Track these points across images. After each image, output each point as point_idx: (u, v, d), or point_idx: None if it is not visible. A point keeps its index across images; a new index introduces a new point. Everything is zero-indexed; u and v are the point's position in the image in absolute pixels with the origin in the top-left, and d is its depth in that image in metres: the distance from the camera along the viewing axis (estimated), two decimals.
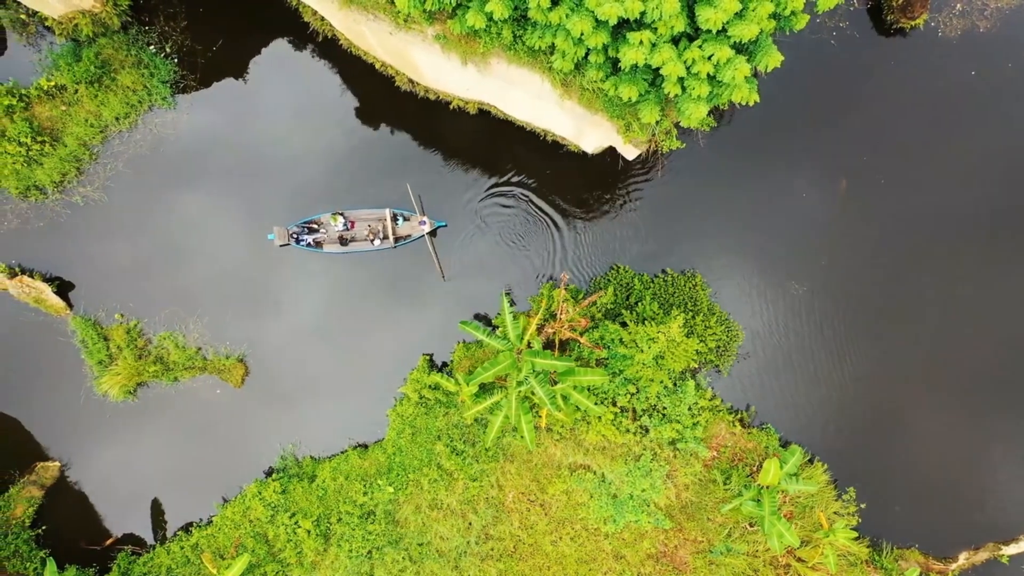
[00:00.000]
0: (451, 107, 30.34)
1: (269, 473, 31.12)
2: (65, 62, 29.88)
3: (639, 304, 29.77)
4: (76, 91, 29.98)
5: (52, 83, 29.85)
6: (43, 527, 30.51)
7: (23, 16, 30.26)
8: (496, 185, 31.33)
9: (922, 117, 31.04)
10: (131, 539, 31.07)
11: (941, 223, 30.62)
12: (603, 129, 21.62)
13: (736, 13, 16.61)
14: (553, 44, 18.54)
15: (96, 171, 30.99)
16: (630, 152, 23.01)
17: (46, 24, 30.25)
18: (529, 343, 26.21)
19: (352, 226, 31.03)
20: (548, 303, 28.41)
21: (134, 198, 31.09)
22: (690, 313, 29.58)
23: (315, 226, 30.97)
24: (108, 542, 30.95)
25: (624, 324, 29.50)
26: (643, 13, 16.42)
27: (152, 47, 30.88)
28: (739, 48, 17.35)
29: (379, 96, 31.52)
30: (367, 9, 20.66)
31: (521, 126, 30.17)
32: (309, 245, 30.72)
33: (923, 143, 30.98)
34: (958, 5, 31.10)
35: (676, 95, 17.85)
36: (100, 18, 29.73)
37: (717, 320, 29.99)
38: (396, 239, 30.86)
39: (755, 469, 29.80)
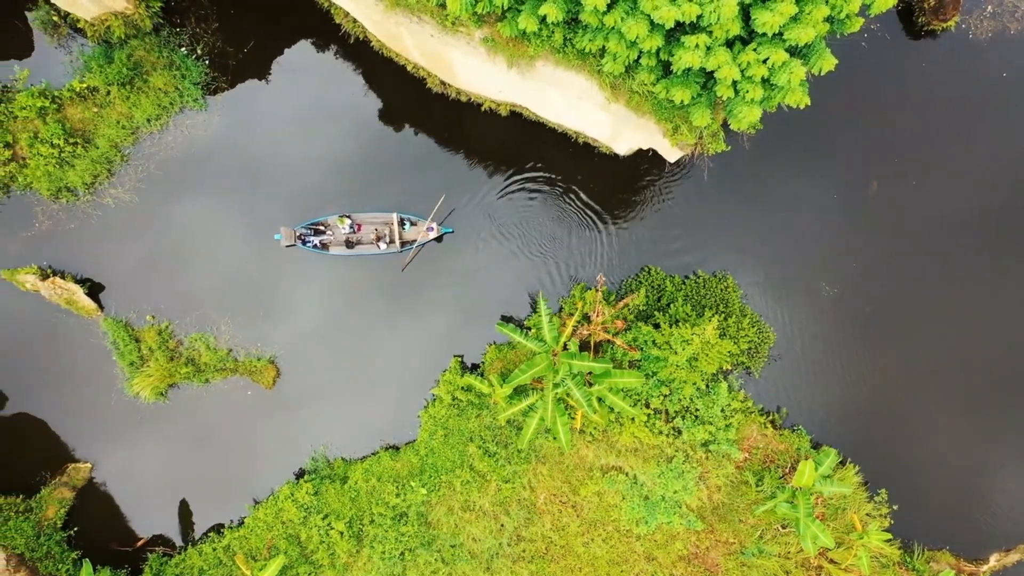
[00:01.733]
0: (483, 108, 30.35)
1: (299, 475, 31.14)
2: (97, 64, 29.89)
3: (671, 306, 29.79)
4: (108, 93, 29.99)
5: (84, 85, 29.87)
6: (74, 528, 30.53)
7: (55, 18, 30.27)
8: (521, 181, 31.29)
9: (953, 119, 31.05)
10: (161, 540, 31.10)
11: (974, 225, 30.63)
12: (647, 131, 21.64)
13: (791, 17, 16.65)
14: (604, 47, 18.56)
15: (127, 173, 31.00)
16: (673, 154, 23.04)
17: (77, 26, 30.27)
18: (565, 345, 26.25)
19: (359, 229, 31.00)
20: (582, 305, 28.42)
21: (165, 200, 31.11)
22: (722, 315, 29.59)
23: (322, 228, 30.94)
24: (139, 543, 30.97)
25: (656, 326, 29.51)
26: (699, 16, 16.45)
27: (183, 49, 30.89)
28: (792, 51, 17.38)
29: (409, 98, 31.53)
30: (413, 11, 20.66)
31: (553, 128, 30.20)
32: (315, 247, 30.70)
33: (954, 145, 31.00)
34: (989, 7, 31.12)
35: (729, 98, 17.88)
36: (132, 20, 29.74)
37: (749, 322, 29.99)
38: (402, 243, 30.82)
39: (787, 471, 29.81)
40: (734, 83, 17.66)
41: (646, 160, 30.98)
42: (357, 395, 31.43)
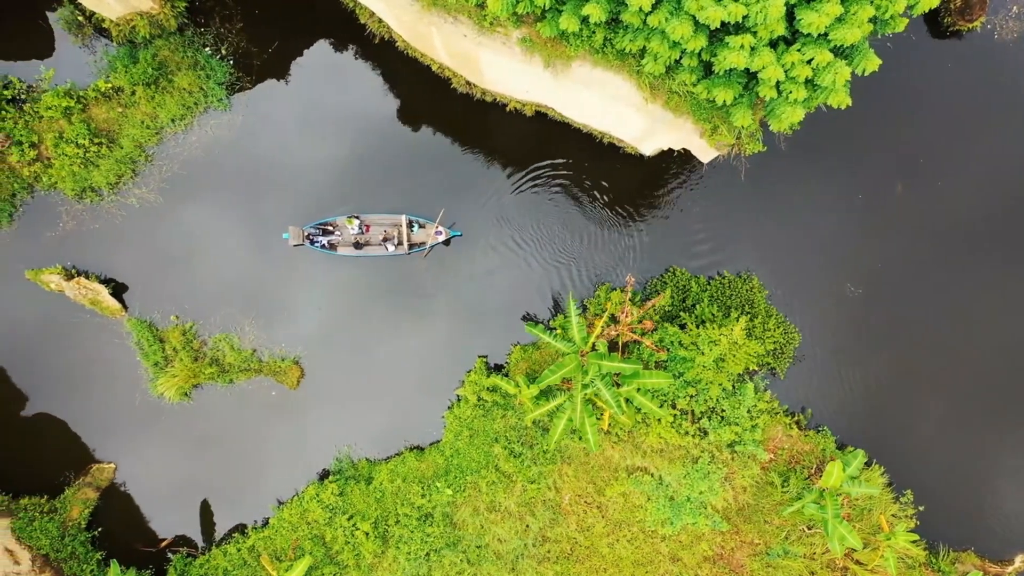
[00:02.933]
0: (507, 109, 30.31)
1: (323, 476, 31.11)
2: (122, 64, 29.83)
3: (696, 307, 29.76)
4: (134, 93, 29.93)
5: (110, 85, 29.80)
6: (99, 529, 30.51)
7: (80, 18, 30.21)
8: (543, 181, 31.26)
9: (978, 120, 31.01)
10: (185, 541, 31.08)
11: (1001, 226, 30.59)
12: (683, 131, 21.60)
13: (836, 17, 16.61)
14: (644, 47, 18.53)
15: (151, 173, 30.95)
16: (707, 155, 23.01)
17: (102, 26, 30.20)
18: (594, 345, 26.21)
19: (367, 230, 30.95)
20: (610, 305, 28.39)
21: (188, 200, 31.05)
22: (748, 315, 29.54)
23: (330, 228, 30.87)
24: (163, 544, 30.95)
25: (682, 326, 29.49)
26: (745, 17, 16.41)
27: (208, 49, 30.84)
28: (835, 52, 17.33)
29: (431, 98, 31.47)
30: (450, 11, 20.61)
31: (577, 128, 30.17)
32: (323, 247, 30.64)
33: (979, 146, 30.95)
34: (1015, 8, 31.07)
35: (771, 99, 17.84)
36: (157, 20, 29.68)
37: (775, 322, 29.95)
38: (411, 246, 30.73)
39: (812, 472, 29.78)
40: (777, 83, 17.64)
41: (670, 161, 30.96)
42: (380, 396, 31.37)
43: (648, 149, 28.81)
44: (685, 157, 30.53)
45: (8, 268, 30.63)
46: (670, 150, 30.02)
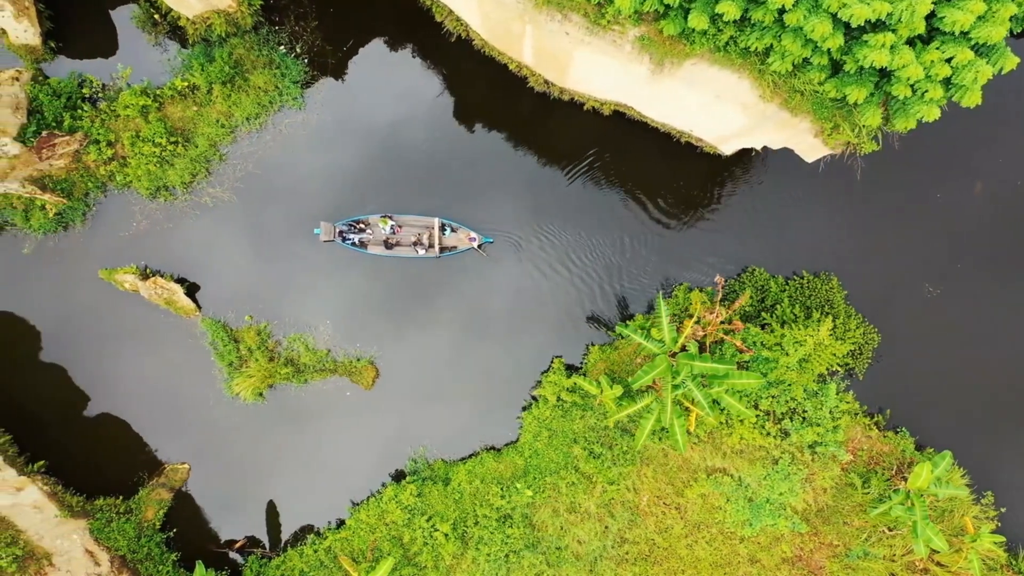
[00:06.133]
0: (585, 108, 30.14)
1: (397, 477, 30.96)
2: (198, 62, 29.66)
3: (777, 307, 29.59)
4: (210, 91, 29.77)
5: (186, 83, 29.63)
6: (173, 530, 30.36)
7: (155, 16, 30.05)
8: (612, 178, 31.10)
9: None
10: (258, 541, 30.93)
11: None
12: (793, 130, 21.40)
13: (978, 15, 16.44)
14: (771, 45, 18.36)
15: (225, 172, 30.79)
16: (814, 154, 22.83)
17: (178, 24, 30.04)
18: (684, 346, 26.04)
19: (399, 231, 30.79)
20: (700, 306, 28.22)
21: (262, 199, 30.90)
22: (828, 316, 29.36)
23: (362, 226, 30.69)
24: (236, 545, 30.81)
25: (763, 326, 29.32)
26: (889, 15, 16.25)
27: (282, 47, 30.66)
28: (974, 50, 17.17)
29: (504, 96, 31.35)
30: (561, 9, 20.44)
31: (655, 128, 30.00)
32: (354, 244, 30.47)
33: None
34: None
35: (906, 97, 17.68)
36: (233, 18, 29.51)
37: (855, 323, 29.78)
38: (441, 249, 30.56)
39: (893, 473, 29.60)
40: (910, 82, 17.45)
41: (747, 160, 30.82)
42: (453, 396, 31.21)
43: (729, 149, 28.64)
44: (757, 157, 30.46)
45: (82, 268, 30.52)
46: (748, 150, 29.86)
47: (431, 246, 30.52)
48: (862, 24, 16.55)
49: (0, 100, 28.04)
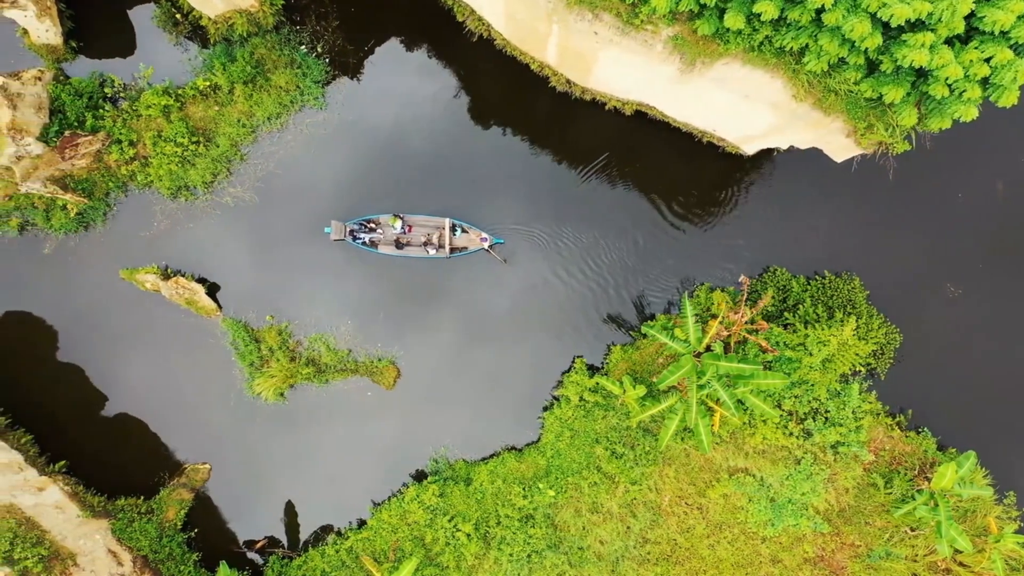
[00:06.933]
0: (607, 108, 30.11)
1: (418, 477, 30.93)
2: (219, 62, 29.62)
3: (799, 307, 29.56)
4: (232, 91, 29.73)
5: (208, 83, 29.60)
6: (195, 530, 30.34)
7: (177, 15, 30.01)
8: (631, 178, 31.07)
9: None
10: (279, 542, 30.90)
11: None
12: (824, 129, 21.37)
13: (1019, 15, 16.42)
14: (806, 45, 18.34)
15: (246, 171, 30.76)
16: (843, 154, 22.80)
17: (199, 23, 30.00)
18: (708, 346, 26.02)
19: (409, 230, 30.76)
20: (725, 306, 28.20)
21: (282, 198, 30.86)
22: (851, 316, 29.32)
23: (373, 225, 30.67)
24: (258, 545, 30.79)
25: (786, 326, 29.29)
26: (929, 14, 16.23)
27: (304, 47, 30.63)
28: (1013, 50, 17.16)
29: (524, 96, 31.31)
30: (592, 9, 20.41)
31: (677, 127, 29.98)
32: (365, 244, 30.45)
33: None
34: None
35: (944, 97, 17.66)
36: (255, 17, 29.48)
37: (878, 323, 29.75)
38: (452, 249, 30.53)
39: (915, 473, 29.58)
40: (947, 82, 17.44)
41: (767, 160, 30.80)
42: (473, 397, 31.18)
43: (752, 148, 28.62)
44: (776, 157, 30.46)
45: (103, 268, 30.49)
46: (769, 150, 29.85)
47: (441, 246, 30.48)
48: (901, 24, 16.51)
49: (23, 100, 28.01)
